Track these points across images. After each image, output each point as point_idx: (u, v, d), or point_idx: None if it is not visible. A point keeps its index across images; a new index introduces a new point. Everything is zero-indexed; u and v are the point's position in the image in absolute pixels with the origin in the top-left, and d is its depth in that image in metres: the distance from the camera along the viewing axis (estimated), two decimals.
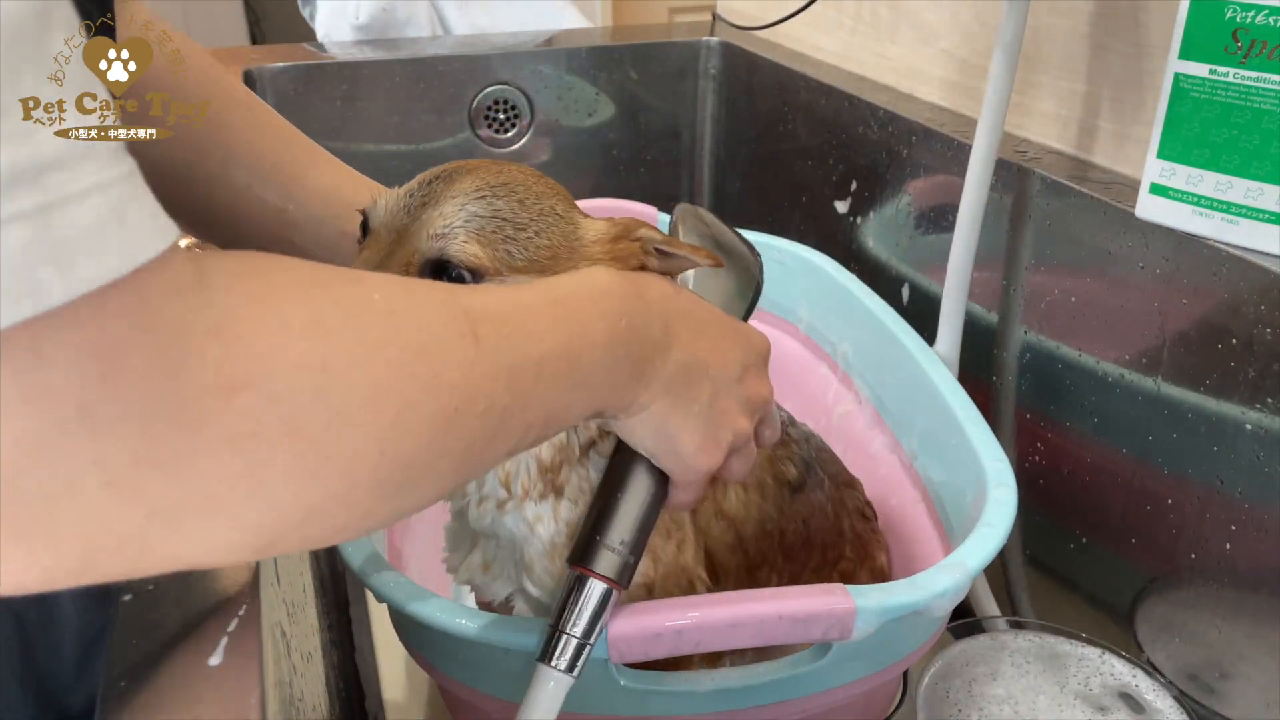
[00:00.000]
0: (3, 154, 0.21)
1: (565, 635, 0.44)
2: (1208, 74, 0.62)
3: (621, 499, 0.47)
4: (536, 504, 0.51)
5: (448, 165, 0.50)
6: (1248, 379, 0.62)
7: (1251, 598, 0.63)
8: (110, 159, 0.23)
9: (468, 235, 0.45)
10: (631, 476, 0.48)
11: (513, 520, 0.51)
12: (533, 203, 0.48)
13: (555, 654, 0.44)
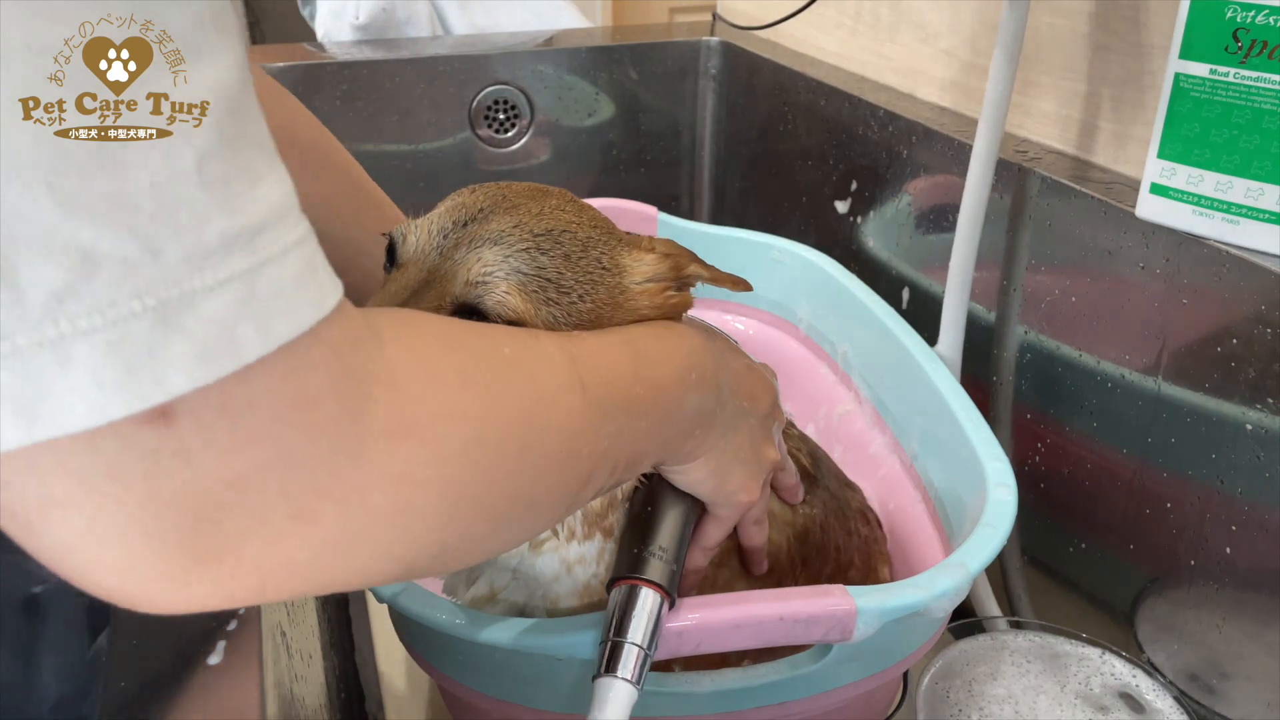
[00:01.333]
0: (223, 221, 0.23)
1: (627, 644, 0.43)
2: (1208, 74, 0.62)
3: (661, 517, 0.48)
4: (581, 545, 0.50)
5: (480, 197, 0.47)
6: (1248, 379, 0.62)
7: (1251, 598, 0.63)
8: (298, 215, 0.25)
9: (509, 287, 0.44)
10: (668, 498, 0.49)
11: (547, 560, 0.51)
12: (578, 256, 0.46)
13: (619, 664, 0.42)
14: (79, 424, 0.22)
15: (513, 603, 0.54)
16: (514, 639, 0.47)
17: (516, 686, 0.50)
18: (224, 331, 0.23)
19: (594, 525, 0.50)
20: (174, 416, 0.23)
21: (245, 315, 0.23)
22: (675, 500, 0.49)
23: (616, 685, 0.42)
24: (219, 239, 0.23)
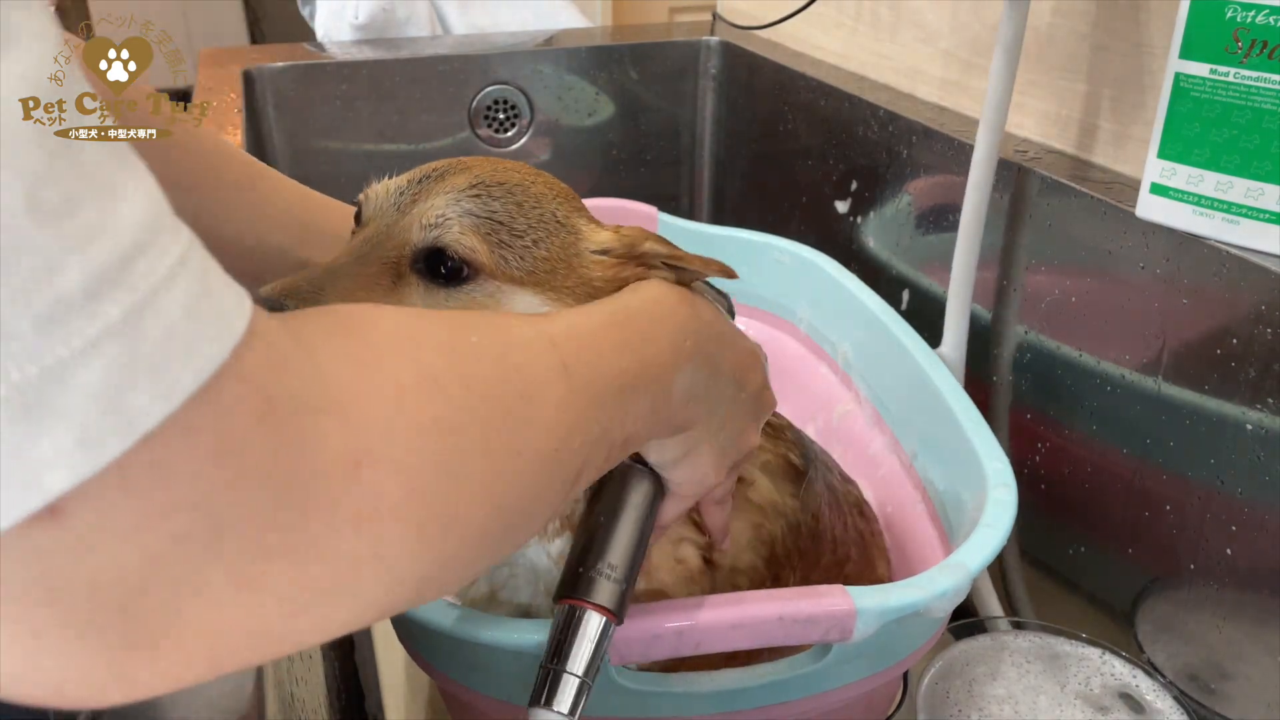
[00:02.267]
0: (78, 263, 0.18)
1: (565, 674, 0.40)
2: (1208, 74, 0.62)
3: (615, 521, 0.45)
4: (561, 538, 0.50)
5: (442, 161, 0.49)
6: (1248, 379, 0.62)
7: (1251, 598, 0.63)
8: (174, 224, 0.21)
9: (462, 227, 0.44)
10: (623, 495, 0.46)
11: (535, 553, 0.51)
12: (531, 206, 0.46)
13: (556, 697, 0.39)
14: None
15: (516, 603, 0.54)
16: (513, 639, 0.47)
17: (516, 686, 0.50)
18: (109, 403, 0.19)
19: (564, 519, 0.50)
20: (63, 512, 0.20)
21: (133, 375, 0.19)
22: (632, 501, 0.46)
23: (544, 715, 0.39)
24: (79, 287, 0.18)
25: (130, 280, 0.19)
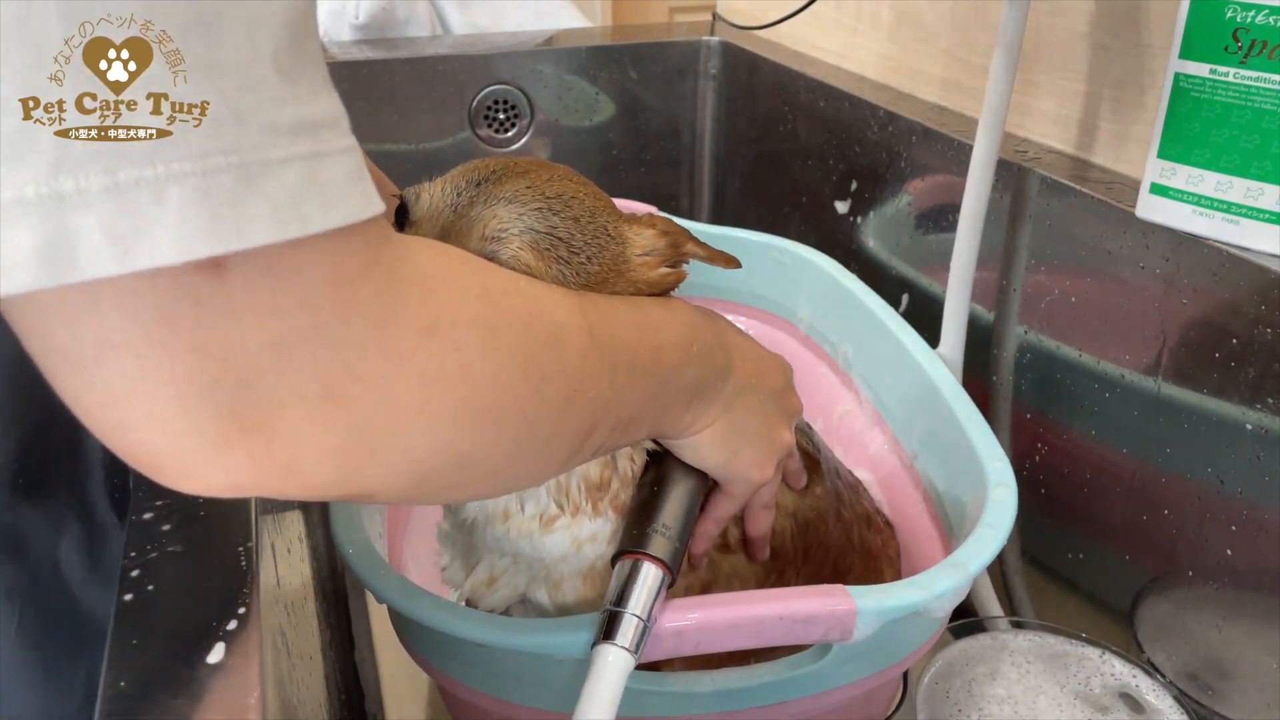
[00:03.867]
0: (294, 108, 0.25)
1: (626, 614, 0.44)
2: (1208, 74, 0.62)
3: (667, 496, 0.49)
4: (592, 521, 0.51)
5: (491, 162, 0.48)
6: (1248, 379, 0.62)
7: (1251, 598, 0.63)
8: (349, 131, 0.27)
9: (522, 244, 0.44)
10: (675, 477, 0.50)
11: (558, 539, 0.51)
12: (587, 221, 0.47)
13: (618, 633, 0.43)
14: (168, 258, 0.23)
15: (514, 586, 0.54)
16: (513, 638, 0.47)
17: (515, 686, 0.50)
18: (293, 200, 0.25)
19: (603, 501, 0.51)
20: (224, 268, 0.25)
21: (310, 192, 0.25)
22: (683, 479, 0.50)
23: (614, 652, 0.42)
24: (291, 121, 0.25)
25: (318, 136, 0.25)
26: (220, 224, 0.23)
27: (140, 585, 0.41)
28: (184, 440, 0.26)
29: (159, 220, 0.23)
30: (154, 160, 0.22)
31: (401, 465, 0.31)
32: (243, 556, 0.42)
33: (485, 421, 0.33)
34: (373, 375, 0.28)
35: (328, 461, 0.29)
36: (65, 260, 0.22)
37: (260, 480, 0.28)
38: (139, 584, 0.41)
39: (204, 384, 0.25)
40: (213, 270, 0.24)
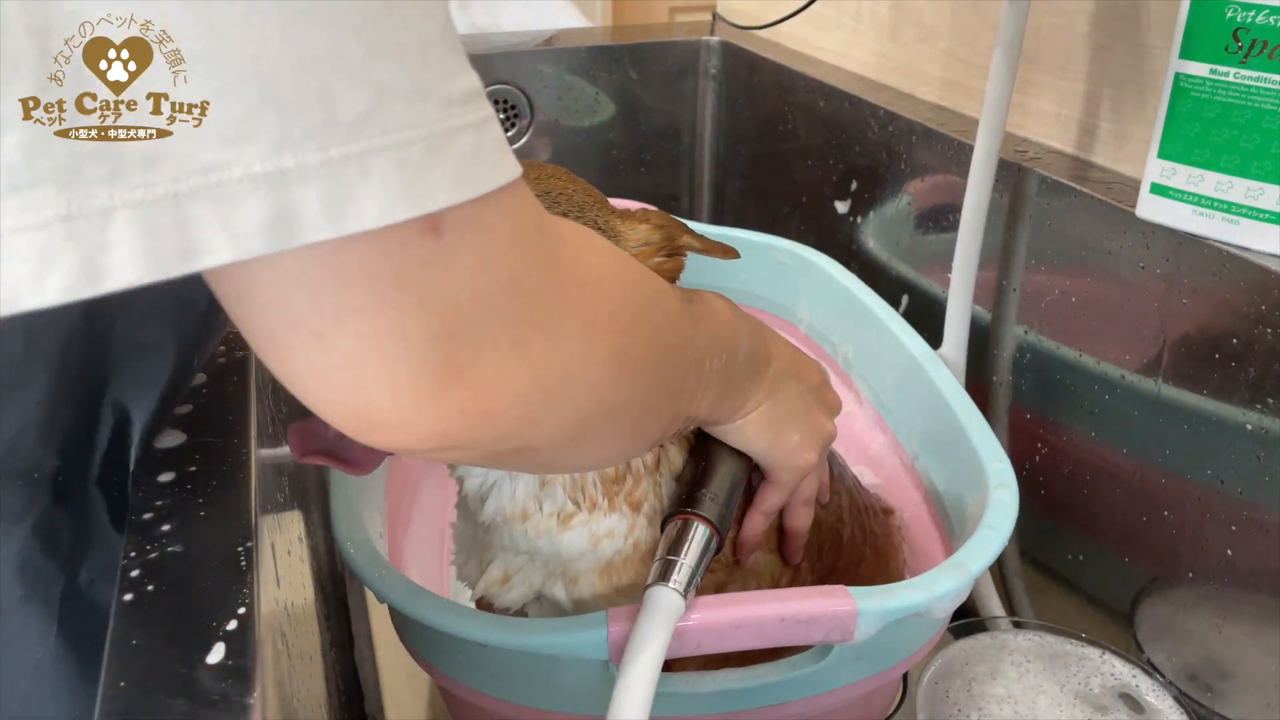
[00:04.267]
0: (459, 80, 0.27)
1: (680, 563, 0.46)
2: (1208, 73, 0.62)
3: (714, 471, 0.51)
4: (608, 517, 0.51)
5: None
6: (1248, 379, 0.62)
7: (1251, 598, 0.63)
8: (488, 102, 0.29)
9: None
10: (721, 456, 0.52)
11: (576, 535, 0.51)
12: (576, 216, 0.47)
13: (672, 578, 0.45)
14: (372, 223, 0.25)
15: (529, 584, 0.54)
16: (515, 639, 0.47)
17: (517, 686, 0.50)
18: (470, 164, 0.27)
19: (618, 496, 0.51)
20: (442, 230, 0.27)
21: (481, 155, 0.28)
22: (728, 459, 0.52)
23: (668, 594, 0.45)
24: (459, 93, 0.27)
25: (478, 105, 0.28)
26: (413, 190, 0.26)
27: (140, 585, 0.41)
28: (406, 393, 0.29)
29: (364, 190, 0.25)
30: (358, 137, 0.25)
31: (568, 415, 0.34)
32: (243, 556, 0.42)
33: (628, 372, 0.37)
34: (549, 323, 0.32)
35: (516, 408, 0.31)
36: (288, 228, 0.25)
37: (463, 428, 0.30)
38: (139, 584, 0.41)
39: (426, 338, 0.28)
40: (433, 232, 0.27)
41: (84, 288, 0.24)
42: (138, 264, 0.24)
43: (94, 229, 0.24)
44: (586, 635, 0.46)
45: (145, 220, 0.24)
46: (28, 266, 0.23)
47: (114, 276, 0.24)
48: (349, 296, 0.27)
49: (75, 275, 0.24)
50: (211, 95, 0.24)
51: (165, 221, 0.24)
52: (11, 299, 0.24)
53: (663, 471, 0.53)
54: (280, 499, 0.58)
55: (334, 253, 0.26)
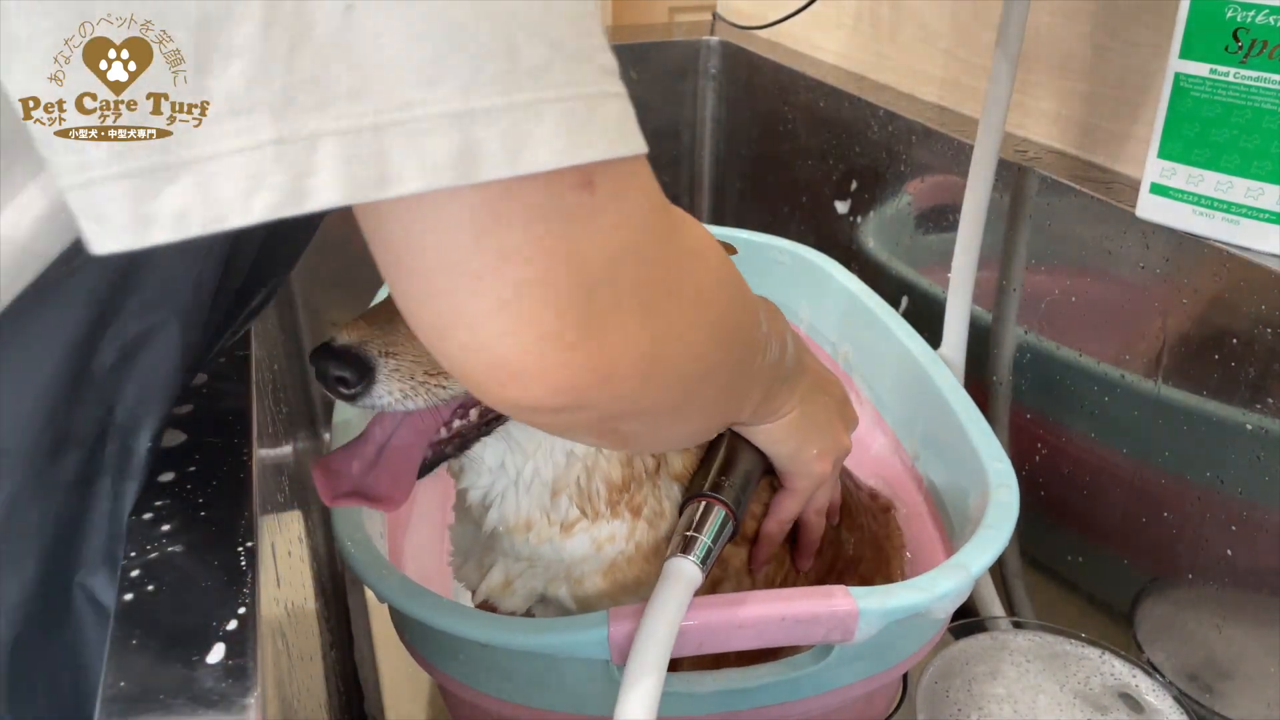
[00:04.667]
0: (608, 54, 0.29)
1: (699, 539, 0.49)
2: (1208, 73, 0.62)
3: (735, 462, 0.54)
4: (610, 523, 0.52)
5: None
6: (1248, 379, 0.62)
7: (1251, 598, 0.63)
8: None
9: None
10: (742, 451, 0.54)
11: (578, 541, 0.52)
12: None
13: (693, 551, 0.48)
14: (544, 165, 0.27)
15: (530, 589, 0.54)
16: (516, 638, 0.47)
17: (518, 686, 0.50)
18: (620, 126, 0.29)
19: (620, 503, 0.52)
20: (594, 185, 0.29)
21: (625, 123, 0.29)
22: (748, 454, 0.54)
23: (687, 564, 0.47)
24: (610, 64, 0.29)
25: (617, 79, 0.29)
26: (576, 141, 0.28)
27: (140, 585, 0.41)
28: (550, 343, 0.30)
29: (538, 134, 0.27)
30: (535, 85, 0.27)
31: (675, 378, 0.36)
32: (243, 556, 0.42)
33: (723, 340, 0.39)
34: (669, 285, 0.33)
35: (636, 367, 0.33)
36: (472, 163, 0.27)
37: (591, 383, 0.32)
38: (139, 584, 0.41)
39: (570, 289, 0.30)
40: (586, 187, 0.29)
41: (288, 206, 0.26)
42: (338, 187, 0.26)
43: (302, 152, 0.26)
44: (587, 635, 0.46)
45: (348, 148, 0.26)
46: (239, 185, 0.26)
47: (316, 197, 0.26)
48: (510, 239, 0.29)
49: (282, 194, 0.26)
50: (404, 38, 0.26)
51: (365, 150, 0.26)
52: (217, 217, 0.26)
53: (663, 475, 0.54)
54: (280, 499, 0.58)
55: (502, 197, 0.28)
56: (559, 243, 0.29)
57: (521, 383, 0.31)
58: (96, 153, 0.26)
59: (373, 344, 0.42)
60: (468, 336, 0.30)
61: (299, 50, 0.25)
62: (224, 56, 0.25)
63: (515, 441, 0.50)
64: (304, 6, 0.25)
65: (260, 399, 0.55)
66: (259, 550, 0.43)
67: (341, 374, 0.42)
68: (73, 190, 0.27)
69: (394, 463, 0.47)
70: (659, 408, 0.37)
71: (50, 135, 0.26)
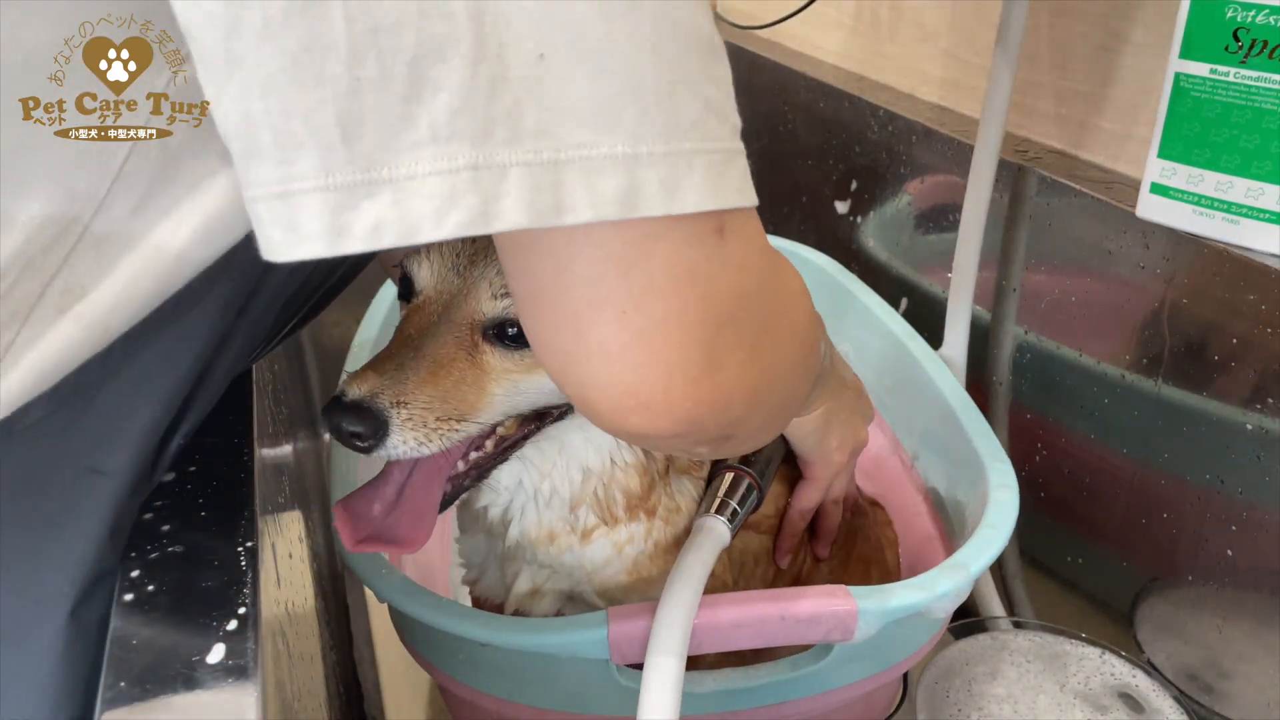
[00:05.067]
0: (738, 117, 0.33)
1: (729, 504, 0.52)
2: (1208, 73, 0.62)
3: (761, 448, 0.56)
4: (629, 526, 0.52)
5: None
6: (1248, 379, 0.62)
7: (1252, 598, 0.63)
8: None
9: None
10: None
11: (599, 547, 0.52)
12: None
13: (724, 512, 0.52)
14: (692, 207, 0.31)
15: (559, 591, 0.55)
16: (516, 638, 0.47)
17: (518, 685, 0.50)
18: (744, 179, 0.32)
19: (638, 508, 0.53)
20: (725, 232, 0.33)
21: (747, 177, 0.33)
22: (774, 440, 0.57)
23: (718, 524, 0.51)
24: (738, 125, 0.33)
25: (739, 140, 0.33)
26: (717, 189, 0.31)
27: (140, 585, 0.41)
28: (679, 375, 0.33)
29: (688, 181, 0.31)
30: (690, 137, 0.31)
31: (773, 407, 0.40)
32: (243, 556, 0.42)
33: (808, 370, 0.44)
34: (776, 323, 0.37)
35: (745, 398, 0.36)
36: (634, 200, 0.30)
37: (708, 413, 0.34)
38: (139, 584, 0.41)
39: (702, 324, 0.33)
40: (719, 232, 0.32)
41: (477, 225, 0.29)
42: (522, 212, 0.29)
43: (494, 179, 0.29)
44: (587, 635, 0.46)
45: (532, 178, 0.29)
46: (434, 204, 0.29)
47: (503, 219, 0.29)
48: (654, 278, 0.32)
49: (473, 214, 0.29)
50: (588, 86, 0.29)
51: (545, 181, 0.29)
52: (412, 230, 0.29)
53: (672, 473, 0.54)
54: (280, 499, 0.58)
55: (651, 236, 0.31)
56: (694, 284, 0.32)
57: (647, 413, 0.34)
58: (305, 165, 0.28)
59: (383, 395, 0.42)
60: (601, 365, 0.33)
61: (498, 88, 0.28)
62: (434, 89, 0.28)
63: (530, 462, 0.51)
64: (505, 51, 0.28)
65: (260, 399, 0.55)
66: (259, 550, 0.43)
67: (355, 429, 0.42)
68: (266, 200, 0.29)
69: (414, 502, 0.47)
70: (755, 428, 0.40)
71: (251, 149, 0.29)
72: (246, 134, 0.29)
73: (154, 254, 0.38)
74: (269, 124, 0.28)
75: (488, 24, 0.28)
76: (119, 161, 0.36)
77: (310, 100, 0.28)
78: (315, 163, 0.29)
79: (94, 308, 0.38)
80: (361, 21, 0.27)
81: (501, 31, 0.28)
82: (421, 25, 0.28)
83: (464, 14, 0.28)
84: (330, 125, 0.28)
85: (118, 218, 0.37)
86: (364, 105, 0.28)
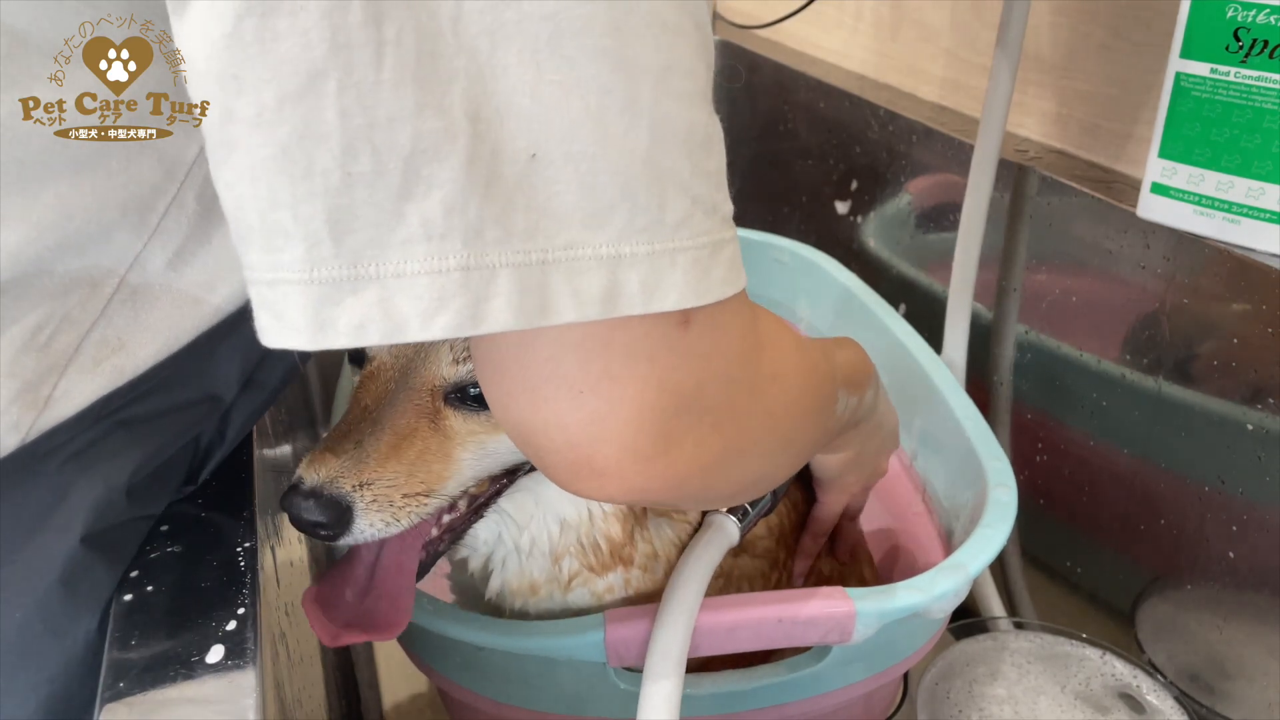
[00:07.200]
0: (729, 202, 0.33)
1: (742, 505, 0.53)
2: (1209, 73, 0.62)
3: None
4: (607, 576, 0.52)
5: None
6: (1248, 379, 0.61)
7: (1252, 598, 0.63)
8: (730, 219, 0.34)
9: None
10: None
11: (578, 595, 0.52)
12: None
13: (733, 510, 0.52)
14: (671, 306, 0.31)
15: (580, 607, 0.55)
16: (514, 642, 0.47)
17: (517, 688, 0.50)
18: (730, 267, 0.33)
19: (616, 555, 0.52)
20: (692, 324, 0.32)
21: (734, 262, 0.33)
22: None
23: (728, 522, 0.52)
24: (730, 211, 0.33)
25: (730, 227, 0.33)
26: (700, 284, 0.31)
27: (140, 585, 0.41)
28: (629, 453, 0.33)
29: (669, 280, 0.31)
30: (675, 236, 0.31)
31: (738, 481, 0.40)
32: (242, 557, 0.42)
33: (792, 449, 0.43)
34: (741, 410, 0.36)
35: (701, 476, 0.36)
36: (615, 300, 0.30)
37: (660, 487, 0.35)
38: (139, 584, 0.41)
39: (657, 410, 0.33)
40: (683, 324, 0.32)
41: (465, 327, 0.28)
42: (510, 313, 0.29)
43: (483, 280, 0.28)
44: (584, 638, 0.46)
45: (520, 279, 0.29)
46: (422, 304, 0.28)
47: (490, 321, 0.29)
48: (611, 366, 0.32)
49: (461, 316, 0.28)
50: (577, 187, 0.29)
51: (532, 282, 0.29)
52: (397, 329, 0.28)
53: (649, 516, 0.53)
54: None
55: (614, 329, 0.31)
56: (652, 372, 0.32)
57: (600, 480, 0.34)
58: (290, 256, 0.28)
59: (344, 479, 0.40)
60: (559, 436, 0.33)
61: (491, 189, 0.28)
62: (427, 186, 0.28)
63: (507, 515, 0.50)
64: (499, 151, 0.28)
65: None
66: (259, 550, 0.43)
67: (315, 520, 0.40)
68: (256, 285, 0.29)
69: (389, 585, 0.45)
70: (728, 494, 0.41)
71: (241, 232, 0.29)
72: (238, 217, 0.29)
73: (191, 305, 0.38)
74: (257, 210, 0.28)
75: (483, 121, 0.28)
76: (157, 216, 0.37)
77: (299, 192, 0.27)
78: (301, 254, 0.28)
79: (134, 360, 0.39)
80: (357, 116, 0.27)
81: (496, 129, 0.28)
82: (419, 122, 0.27)
83: (461, 111, 0.28)
84: (318, 218, 0.28)
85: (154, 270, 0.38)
86: (355, 200, 0.27)
